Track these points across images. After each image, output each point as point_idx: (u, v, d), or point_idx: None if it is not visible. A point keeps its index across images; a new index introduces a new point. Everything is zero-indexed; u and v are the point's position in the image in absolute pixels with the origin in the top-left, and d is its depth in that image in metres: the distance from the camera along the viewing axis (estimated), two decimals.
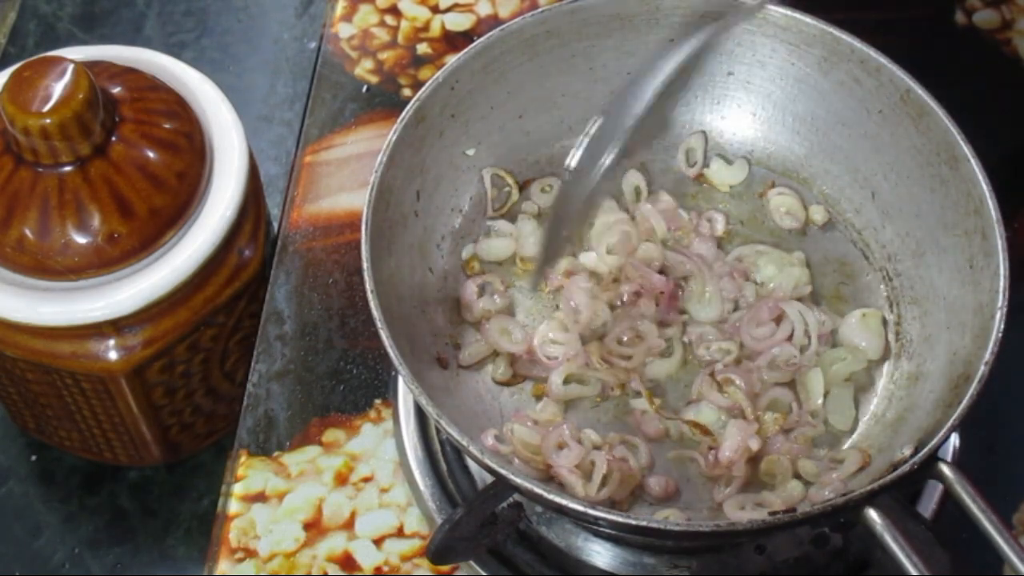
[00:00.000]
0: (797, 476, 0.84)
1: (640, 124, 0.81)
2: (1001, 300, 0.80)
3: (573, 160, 0.80)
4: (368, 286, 0.80)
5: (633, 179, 0.94)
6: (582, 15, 0.90)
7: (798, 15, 0.90)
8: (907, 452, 0.78)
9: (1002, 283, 0.80)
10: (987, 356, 0.78)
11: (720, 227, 0.92)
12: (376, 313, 0.79)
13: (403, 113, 0.86)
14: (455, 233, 0.91)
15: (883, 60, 0.88)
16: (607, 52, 0.92)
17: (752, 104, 0.94)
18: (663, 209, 0.92)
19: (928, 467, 0.76)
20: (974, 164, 0.84)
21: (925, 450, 0.75)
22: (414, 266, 0.88)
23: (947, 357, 0.83)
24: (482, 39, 0.89)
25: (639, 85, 0.81)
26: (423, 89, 0.87)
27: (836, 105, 0.91)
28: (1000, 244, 0.81)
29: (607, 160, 0.80)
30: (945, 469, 0.77)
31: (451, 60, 0.88)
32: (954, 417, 0.76)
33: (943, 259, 0.86)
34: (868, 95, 0.89)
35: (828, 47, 0.90)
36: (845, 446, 0.85)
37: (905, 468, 0.75)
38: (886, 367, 0.88)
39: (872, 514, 0.75)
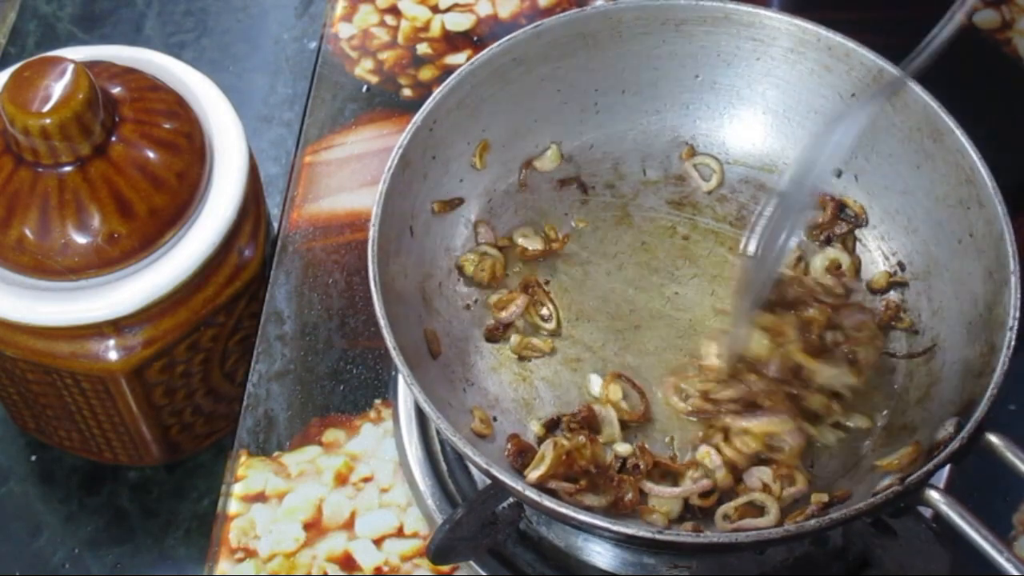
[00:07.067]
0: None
1: (808, 200, 0.87)
2: (1013, 264, 0.79)
3: (750, 245, 0.84)
4: (388, 341, 0.78)
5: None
6: (547, 38, 0.90)
7: (761, 10, 0.90)
8: (950, 428, 0.77)
9: (1009, 248, 0.80)
10: (1011, 321, 0.77)
11: None
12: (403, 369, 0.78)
13: (388, 162, 0.85)
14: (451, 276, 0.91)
15: (851, 44, 0.88)
16: (573, 72, 0.92)
17: (722, 104, 0.94)
18: None
19: (975, 440, 0.75)
20: (959, 134, 0.84)
21: (971, 423, 0.74)
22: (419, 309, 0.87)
23: (963, 327, 0.83)
24: (453, 75, 0.88)
25: (808, 164, 0.85)
26: (404, 135, 0.86)
27: (807, 94, 0.91)
28: (1000, 210, 0.81)
29: (784, 240, 0.84)
30: (994, 439, 0.75)
31: (426, 102, 0.87)
32: (992, 384, 0.75)
33: (939, 232, 0.86)
34: (839, 80, 0.89)
35: (794, 38, 0.90)
36: (880, 423, 0.84)
37: (955, 444, 0.73)
38: (900, 344, 0.87)
39: (934, 495, 0.73)
